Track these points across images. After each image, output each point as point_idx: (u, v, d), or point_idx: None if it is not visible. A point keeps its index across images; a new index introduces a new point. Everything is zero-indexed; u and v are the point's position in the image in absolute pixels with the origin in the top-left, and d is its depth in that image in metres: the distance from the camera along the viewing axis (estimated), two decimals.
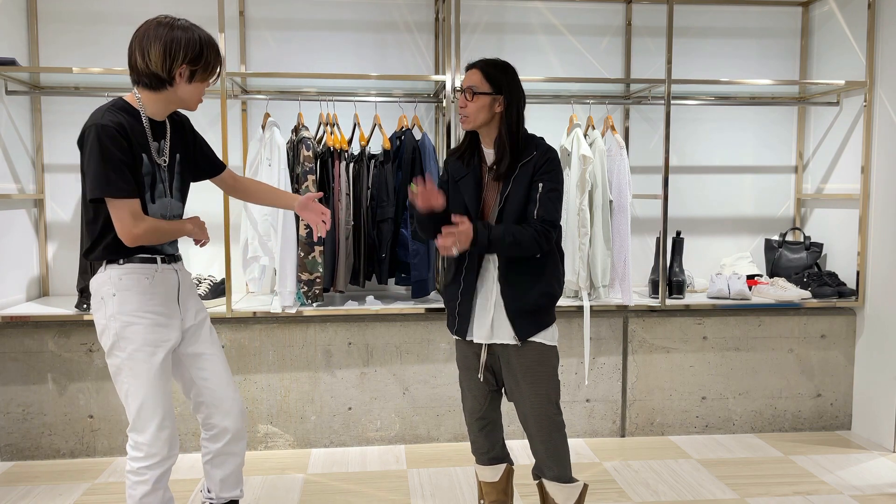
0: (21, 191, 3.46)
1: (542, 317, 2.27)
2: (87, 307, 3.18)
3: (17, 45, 3.43)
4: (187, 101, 2.04)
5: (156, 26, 1.96)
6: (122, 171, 1.91)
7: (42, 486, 2.98)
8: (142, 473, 2.02)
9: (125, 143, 1.93)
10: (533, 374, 2.27)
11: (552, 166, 2.23)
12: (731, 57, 3.96)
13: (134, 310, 2.02)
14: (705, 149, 4.01)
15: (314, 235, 2.68)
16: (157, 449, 2.02)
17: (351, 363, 3.38)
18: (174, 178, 2.13)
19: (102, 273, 2.04)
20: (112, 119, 1.92)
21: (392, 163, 3.39)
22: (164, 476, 2.06)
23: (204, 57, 2.00)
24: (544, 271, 2.27)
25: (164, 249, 2.11)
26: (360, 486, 2.98)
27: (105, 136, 1.89)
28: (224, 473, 2.25)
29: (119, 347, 2.02)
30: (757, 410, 3.61)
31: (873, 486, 2.97)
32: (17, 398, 3.22)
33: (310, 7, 3.73)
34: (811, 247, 3.79)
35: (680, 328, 3.53)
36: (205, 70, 2.01)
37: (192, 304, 2.19)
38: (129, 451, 2.05)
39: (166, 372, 2.07)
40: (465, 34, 3.78)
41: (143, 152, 1.99)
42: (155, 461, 2.03)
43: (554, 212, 2.23)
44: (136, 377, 2.01)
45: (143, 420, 2.02)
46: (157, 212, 2.06)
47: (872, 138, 3.49)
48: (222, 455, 2.23)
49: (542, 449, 2.31)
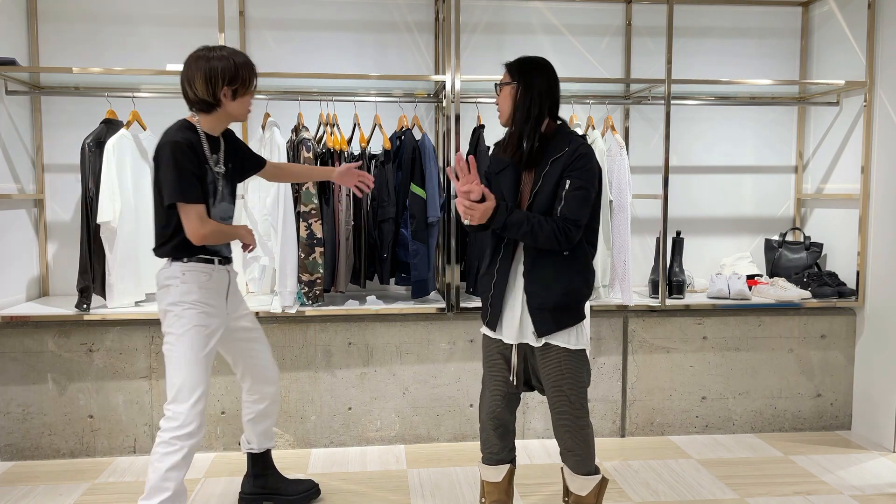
0: (21, 191, 3.46)
1: (563, 315, 2.25)
2: (87, 307, 3.19)
3: (17, 45, 3.43)
4: (236, 115, 2.38)
5: (195, 60, 2.30)
6: (192, 181, 2.25)
7: (42, 486, 2.98)
8: (173, 444, 2.26)
9: (195, 156, 2.27)
10: (555, 378, 2.28)
11: (582, 163, 2.21)
12: (731, 57, 3.96)
13: (192, 300, 2.34)
14: (705, 149, 4.01)
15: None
16: (191, 419, 2.28)
17: (351, 363, 3.38)
18: (227, 184, 2.46)
19: (168, 268, 2.37)
20: (183, 136, 2.27)
21: (392, 163, 3.39)
22: (190, 455, 2.30)
23: (240, 77, 2.31)
24: (570, 269, 2.26)
25: (220, 252, 2.44)
26: (360, 486, 2.98)
27: (178, 151, 2.23)
28: (263, 428, 2.71)
29: (175, 327, 2.33)
30: (757, 410, 3.61)
31: (873, 486, 2.97)
32: (17, 398, 3.22)
33: (310, 7, 3.73)
34: (811, 247, 3.79)
35: (680, 328, 3.53)
36: (243, 87, 2.33)
37: (237, 300, 2.58)
38: (162, 424, 2.29)
39: (210, 356, 2.38)
40: (465, 34, 3.78)
41: (206, 164, 2.33)
42: (186, 431, 2.27)
43: (577, 210, 2.20)
44: (184, 356, 2.31)
45: (184, 393, 2.29)
46: (217, 215, 2.39)
47: (872, 138, 3.49)
48: (262, 415, 2.69)
49: (566, 440, 2.35)
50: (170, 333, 2.34)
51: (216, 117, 2.35)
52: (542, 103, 2.26)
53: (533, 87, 2.26)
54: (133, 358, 3.26)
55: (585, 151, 2.23)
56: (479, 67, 3.78)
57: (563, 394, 2.30)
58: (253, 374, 2.64)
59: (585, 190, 2.21)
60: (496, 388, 2.40)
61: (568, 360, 2.28)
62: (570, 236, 2.19)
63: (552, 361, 2.28)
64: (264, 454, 2.78)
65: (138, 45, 3.63)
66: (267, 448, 2.77)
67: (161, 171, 2.25)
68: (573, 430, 2.33)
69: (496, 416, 2.42)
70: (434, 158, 3.39)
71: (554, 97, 2.30)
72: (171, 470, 2.25)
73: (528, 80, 2.26)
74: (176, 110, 3.65)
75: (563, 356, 2.27)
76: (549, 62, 2.34)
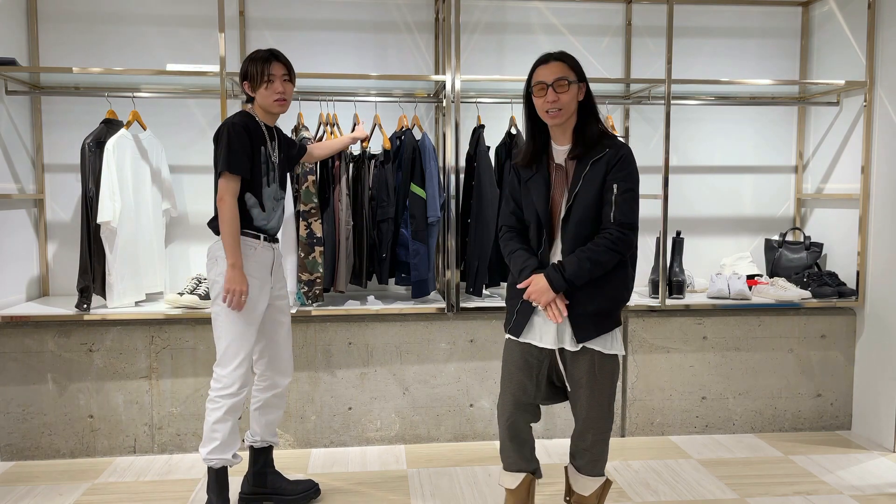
0: (21, 191, 3.46)
1: (603, 320, 2.22)
2: (87, 307, 3.19)
3: (17, 45, 3.43)
4: (265, 105, 2.58)
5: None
6: (240, 157, 2.47)
7: (42, 486, 2.98)
8: (216, 402, 2.53)
9: (246, 136, 2.49)
10: (588, 381, 2.25)
11: (626, 165, 2.18)
12: (731, 57, 3.96)
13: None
14: (705, 149, 4.01)
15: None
16: (232, 380, 2.52)
17: (351, 363, 3.38)
18: (280, 171, 2.69)
19: (220, 241, 2.53)
20: (238, 120, 2.52)
21: (392, 163, 3.39)
22: (234, 409, 2.54)
23: (248, 73, 2.55)
24: (612, 276, 2.21)
25: (268, 230, 2.63)
26: (360, 486, 2.98)
27: (232, 129, 2.48)
28: (267, 419, 2.77)
29: (222, 297, 2.48)
30: (757, 410, 3.61)
31: (873, 486, 2.97)
32: (17, 398, 3.22)
33: (310, 7, 3.73)
34: (811, 247, 3.79)
35: (680, 328, 3.53)
36: (255, 81, 2.55)
37: (280, 278, 2.74)
38: (211, 384, 2.56)
39: (254, 324, 2.57)
40: (465, 34, 3.78)
41: (261, 145, 2.57)
42: (228, 392, 2.52)
43: (631, 213, 2.18)
44: (230, 322, 2.52)
45: (228, 357, 2.52)
46: (269, 194, 2.60)
47: (872, 138, 3.49)
48: (268, 406, 2.76)
49: (587, 439, 2.30)
50: (217, 303, 2.53)
51: (258, 109, 2.60)
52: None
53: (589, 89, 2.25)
54: (133, 358, 3.26)
55: (626, 152, 2.20)
56: (479, 67, 3.78)
57: (594, 396, 2.26)
58: (270, 357, 2.74)
59: (633, 192, 2.19)
60: (513, 396, 2.33)
61: (602, 364, 2.24)
62: (629, 242, 2.17)
63: (585, 364, 2.24)
64: (266, 450, 2.81)
65: (138, 45, 3.63)
66: (270, 444, 2.81)
67: (216, 148, 2.50)
68: (596, 433, 2.30)
69: (511, 423, 2.35)
70: (434, 158, 3.39)
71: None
72: (217, 423, 2.53)
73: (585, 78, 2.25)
74: (176, 110, 3.68)
75: (597, 359, 2.24)
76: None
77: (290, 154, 2.80)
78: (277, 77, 2.55)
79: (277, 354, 2.74)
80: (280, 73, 2.56)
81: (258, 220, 2.59)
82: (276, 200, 2.65)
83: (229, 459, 2.58)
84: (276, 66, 2.55)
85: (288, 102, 2.61)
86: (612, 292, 2.22)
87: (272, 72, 2.54)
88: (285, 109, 2.63)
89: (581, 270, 2.16)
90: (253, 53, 2.58)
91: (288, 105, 2.62)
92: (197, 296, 3.27)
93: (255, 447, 2.79)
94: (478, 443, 3.46)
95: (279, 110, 2.61)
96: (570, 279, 2.16)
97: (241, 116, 2.55)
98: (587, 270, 2.16)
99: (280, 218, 2.72)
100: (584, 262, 2.15)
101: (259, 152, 2.55)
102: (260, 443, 2.79)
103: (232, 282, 2.46)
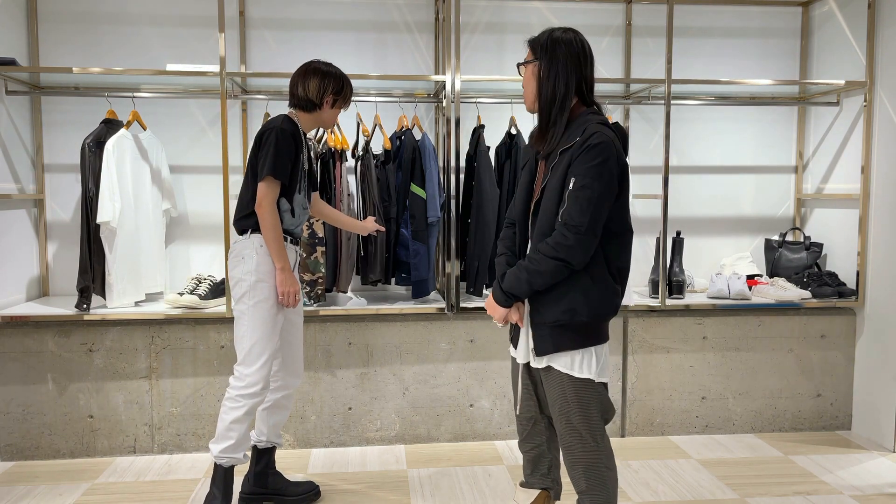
0: (21, 191, 3.46)
1: (562, 335, 2.00)
2: (87, 307, 3.19)
3: (17, 45, 3.43)
4: (327, 121, 2.68)
5: (314, 67, 2.63)
6: (286, 163, 2.51)
7: (42, 486, 2.98)
8: (237, 401, 2.53)
9: (293, 144, 2.53)
10: (560, 406, 2.06)
11: (588, 157, 1.89)
12: (731, 57, 3.96)
13: (266, 271, 2.54)
14: (705, 149, 4.01)
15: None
16: (256, 379, 2.53)
17: (351, 363, 3.38)
18: (308, 179, 2.73)
19: (247, 239, 2.56)
20: (288, 126, 2.55)
21: (392, 163, 3.39)
22: (253, 410, 2.56)
23: (344, 91, 2.65)
24: (569, 282, 1.96)
25: (293, 232, 2.66)
26: (360, 486, 2.98)
27: (282, 135, 2.51)
28: (275, 420, 2.78)
29: (248, 297, 2.53)
30: (757, 410, 3.61)
31: (873, 486, 2.97)
32: (17, 398, 3.22)
33: (310, 7, 3.73)
34: (811, 247, 3.79)
35: (680, 328, 3.53)
36: (344, 100, 2.67)
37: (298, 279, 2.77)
38: (231, 382, 2.55)
39: (278, 325, 2.58)
40: (465, 34, 3.78)
41: (301, 153, 2.60)
42: (251, 391, 2.53)
43: (580, 214, 1.88)
44: (255, 322, 2.53)
45: (252, 356, 2.53)
46: (299, 201, 2.63)
47: (872, 138, 3.49)
48: (277, 407, 2.77)
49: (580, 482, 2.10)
50: (242, 302, 2.54)
51: (312, 118, 2.64)
52: (569, 81, 1.97)
53: (557, 63, 1.97)
54: (133, 358, 3.26)
55: (596, 142, 1.89)
56: (479, 67, 3.78)
57: (571, 425, 2.03)
58: (284, 358, 2.75)
59: (589, 189, 1.88)
60: (518, 409, 2.22)
61: (572, 388, 2.02)
62: (571, 247, 1.89)
63: (555, 387, 2.05)
64: (269, 451, 2.81)
65: (138, 45, 3.63)
66: (274, 444, 2.82)
67: (263, 150, 2.51)
68: (587, 472, 2.05)
69: (524, 439, 2.28)
70: (434, 158, 3.39)
71: (581, 73, 1.99)
72: (234, 423, 2.53)
73: (552, 55, 1.97)
74: (176, 110, 3.68)
75: (566, 382, 2.02)
76: (577, 32, 2.03)
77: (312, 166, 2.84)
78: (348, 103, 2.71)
79: (291, 355, 2.77)
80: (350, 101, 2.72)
81: (288, 224, 2.63)
82: (304, 208, 2.70)
83: (240, 458, 2.60)
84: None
85: None
86: (569, 304, 1.97)
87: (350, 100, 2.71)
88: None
89: (518, 282, 1.98)
90: (337, 70, 2.65)
91: None
92: (197, 296, 3.27)
93: (258, 447, 2.79)
94: (478, 443, 3.46)
95: (330, 128, 2.82)
96: (507, 292, 2.00)
97: (289, 123, 2.57)
98: (524, 281, 1.97)
99: (304, 222, 2.77)
100: (521, 272, 1.97)
101: (299, 160, 2.60)
102: (265, 443, 2.79)
103: (284, 284, 2.53)
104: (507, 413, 3.48)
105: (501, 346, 3.45)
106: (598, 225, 1.91)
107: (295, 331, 2.77)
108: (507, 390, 3.46)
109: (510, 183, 3.50)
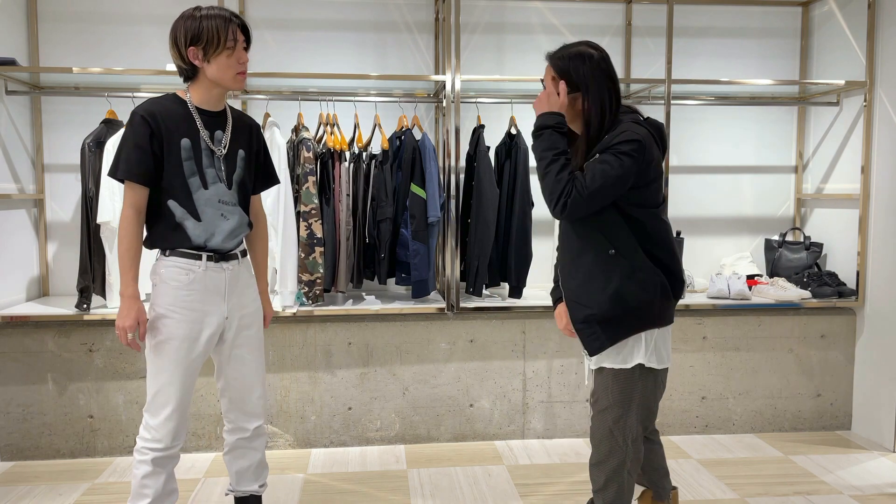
0: (21, 191, 3.46)
1: (611, 327, 2.01)
2: (87, 307, 3.19)
3: (17, 45, 3.43)
4: (219, 80, 2.06)
5: (174, 22, 2.05)
6: (131, 155, 1.98)
7: (42, 486, 2.98)
8: (144, 453, 2.10)
9: (146, 128, 1.99)
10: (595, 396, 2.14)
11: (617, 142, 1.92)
12: (731, 57, 3.96)
13: (167, 303, 2.07)
14: (705, 149, 4.01)
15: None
16: (161, 435, 2.09)
17: (351, 363, 3.38)
18: (234, 169, 2.15)
19: (155, 262, 2.12)
20: (146, 107, 2.02)
21: (392, 163, 3.39)
22: (167, 462, 2.13)
23: (205, 34, 2.01)
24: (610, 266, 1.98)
25: (213, 246, 2.09)
26: (360, 486, 2.98)
27: (130, 123, 2.01)
28: (239, 466, 2.32)
29: (150, 334, 2.09)
30: (757, 410, 3.61)
31: (873, 486, 2.97)
32: (17, 398, 3.22)
33: (310, 7, 3.73)
34: (811, 247, 3.79)
35: (680, 328, 3.52)
36: (212, 45, 2.01)
37: (242, 301, 2.22)
38: (140, 430, 2.13)
39: (189, 367, 2.11)
40: (465, 34, 3.78)
41: (183, 137, 2.04)
42: (158, 446, 2.10)
43: (590, 180, 1.90)
44: (158, 365, 2.08)
45: (156, 406, 2.09)
46: (212, 196, 2.08)
47: (872, 138, 3.49)
48: (239, 448, 2.31)
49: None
50: (147, 339, 2.10)
51: (203, 86, 2.08)
52: (611, 101, 2.00)
53: (598, 90, 1.99)
54: (133, 358, 3.26)
55: (628, 138, 1.92)
56: (479, 67, 3.78)
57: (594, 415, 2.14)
58: (232, 399, 2.26)
59: (607, 164, 1.90)
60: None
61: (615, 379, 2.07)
62: (569, 200, 1.92)
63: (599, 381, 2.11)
64: (248, 500, 2.36)
65: (138, 45, 3.63)
66: (251, 493, 2.36)
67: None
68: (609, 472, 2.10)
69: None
70: (434, 158, 3.39)
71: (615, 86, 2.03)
72: (146, 478, 2.10)
73: (589, 84, 2.00)
74: None
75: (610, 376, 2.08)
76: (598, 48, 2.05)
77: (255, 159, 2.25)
78: (240, 44, 2.07)
79: (241, 396, 2.24)
80: (242, 40, 2.09)
81: (195, 235, 2.06)
82: (225, 205, 2.10)
83: None
84: (239, 31, 2.08)
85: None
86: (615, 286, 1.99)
87: (236, 36, 2.05)
88: (244, 86, 2.24)
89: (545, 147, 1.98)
90: (196, 10, 2.03)
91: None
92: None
93: (236, 496, 2.37)
94: (478, 443, 3.46)
95: (239, 86, 2.11)
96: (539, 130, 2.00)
97: (151, 103, 2.03)
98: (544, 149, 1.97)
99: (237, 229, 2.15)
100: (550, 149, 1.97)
101: (178, 146, 2.02)
102: (240, 492, 2.36)
103: (119, 316, 2.00)
104: (507, 413, 3.48)
105: (501, 346, 3.45)
106: (599, 197, 1.93)
107: (244, 368, 2.22)
108: (507, 390, 3.46)
109: (510, 183, 3.50)
